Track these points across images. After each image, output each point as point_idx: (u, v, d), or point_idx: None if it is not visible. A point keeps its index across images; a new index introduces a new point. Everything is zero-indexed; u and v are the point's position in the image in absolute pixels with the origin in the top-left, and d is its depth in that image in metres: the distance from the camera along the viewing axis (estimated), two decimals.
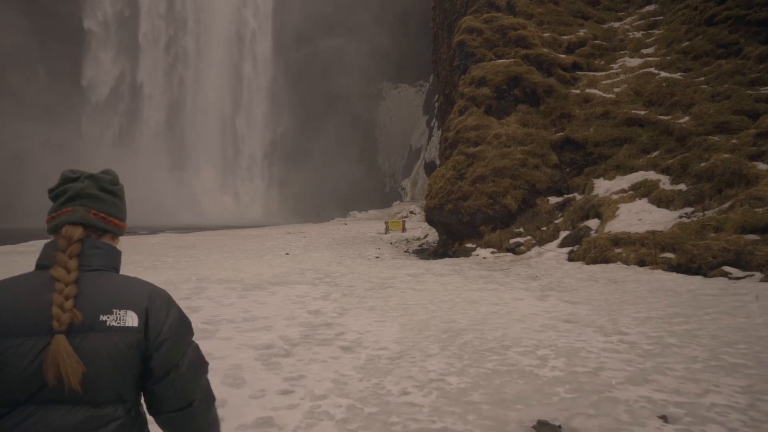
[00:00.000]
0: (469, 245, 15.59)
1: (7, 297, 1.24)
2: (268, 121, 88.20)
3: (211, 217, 71.88)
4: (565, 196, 15.05)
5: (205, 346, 5.74)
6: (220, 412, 3.97)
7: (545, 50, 17.09)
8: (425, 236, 23.44)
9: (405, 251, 18.50)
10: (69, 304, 1.22)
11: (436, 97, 62.74)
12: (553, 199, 15.37)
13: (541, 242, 14.32)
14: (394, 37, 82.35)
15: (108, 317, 1.25)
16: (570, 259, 12.40)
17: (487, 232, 15.42)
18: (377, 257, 16.20)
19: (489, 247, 15.08)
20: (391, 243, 21.54)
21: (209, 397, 1.44)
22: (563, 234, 13.96)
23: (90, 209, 1.36)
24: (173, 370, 1.32)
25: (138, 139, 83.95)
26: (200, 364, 1.42)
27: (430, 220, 17.69)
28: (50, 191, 1.40)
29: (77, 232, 1.32)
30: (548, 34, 17.70)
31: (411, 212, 48.50)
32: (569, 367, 4.78)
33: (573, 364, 4.87)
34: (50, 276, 1.27)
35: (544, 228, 14.75)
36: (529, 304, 7.85)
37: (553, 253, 13.24)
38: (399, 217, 44.99)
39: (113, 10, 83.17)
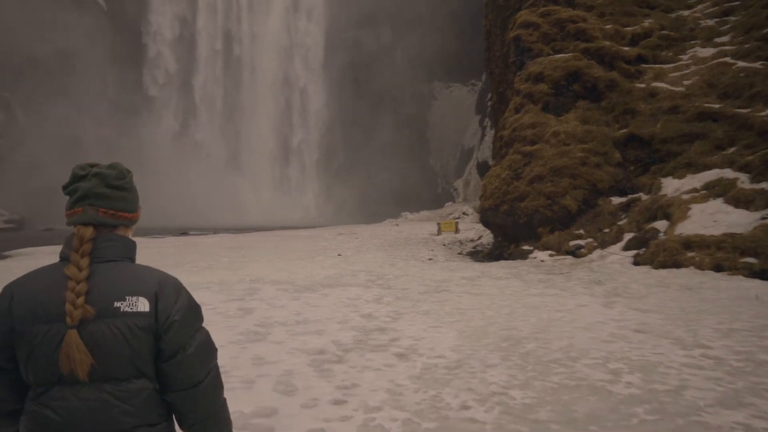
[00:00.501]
0: (525, 247, 15.02)
1: (35, 288, 1.39)
2: (319, 122, 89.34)
3: (264, 218, 73.44)
4: (630, 196, 14.24)
5: (258, 350, 5.64)
6: (271, 421, 3.81)
7: (607, 43, 16.26)
8: (479, 238, 22.90)
9: (459, 253, 18.09)
10: (80, 300, 1.34)
11: (489, 95, 61.57)
12: (616, 200, 14.57)
13: (603, 245, 13.59)
14: (445, 35, 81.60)
15: (122, 303, 1.38)
16: (636, 263, 11.67)
17: (545, 234, 14.81)
18: (430, 259, 15.89)
19: (547, 249, 14.47)
20: (444, 245, 21.16)
21: (216, 383, 1.54)
22: (628, 236, 13.19)
23: (99, 208, 1.45)
24: (180, 351, 1.44)
25: (193, 141, 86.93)
26: (208, 349, 1.52)
27: (484, 222, 17.20)
28: (63, 188, 1.49)
29: (88, 232, 1.43)
30: (610, 25, 16.84)
31: (463, 213, 47.75)
32: (647, 384, 4.34)
33: (651, 380, 4.42)
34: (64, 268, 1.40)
35: (607, 230, 14.00)
36: (594, 311, 7.35)
37: (617, 257, 12.52)
38: (451, 218, 44.36)
39: (172, 11, 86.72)
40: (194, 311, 1.51)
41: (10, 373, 1.39)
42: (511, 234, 15.75)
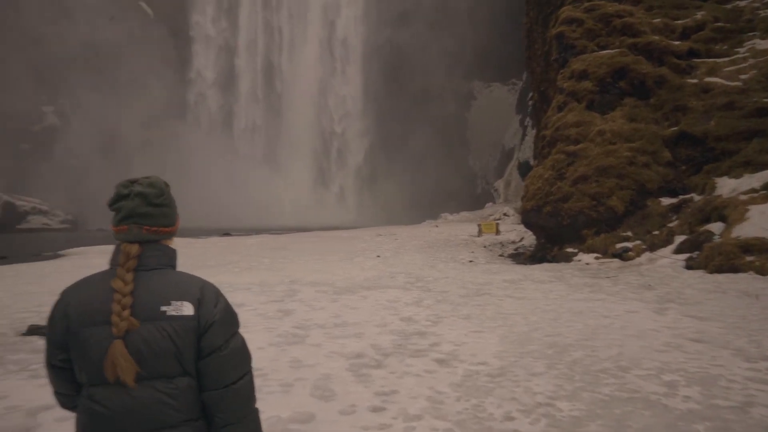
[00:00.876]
0: (569, 250, 14.56)
1: (88, 293, 1.52)
2: (358, 123, 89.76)
3: (303, 219, 74.25)
4: (681, 196, 13.60)
5: (296, 353, 5.60)
6: (308, 427, 3.73)
7: (656, 38, 15.59)
8: (520, 239, 22.41)
9: (500, 255, 17.73)
10: (126, 313, 1.45)
11: (530, 95, 60.42)
12: (666, 200, 13.95)
13: (652, 247, 13.02)
14: (485, 34, 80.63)
15: (167, 308, 1.49)
16: (689, 267, 11.11)
17: (590, 236, 14.32)
18: (471, 261, 15.62)
19: (592, 252, 13.99)
20: (484, 246, 20.80)
21: (248, 389, 1.62)
22: (679, 239, 12.59)
23: (142, 226, 1.56)
24: (216, 351, 1.54)
25: (234, 142, 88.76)
26: (242, 353, 1.62)
27: (526, 223, 16.80)
28: (109, 205, 1.59)
29: (134, 249, 1.54)
30: (659, 19, 16.14)
31: (504, 214, 46.95)
32: (707, 398, 4.05)
33: (711, 395, 4.12)
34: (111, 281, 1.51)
35: (656, 232, 13.41)
36: (645, 318, 6.99)
37: (667, 260, 11.97)
38: (492, 219, 43.69)
39: (215, 10, 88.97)
40: (231, 316, 1.63)
41: (70, 372, 1.54)
42: (554, 236, 15.31)
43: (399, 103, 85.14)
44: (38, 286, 11.00)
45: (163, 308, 1.50)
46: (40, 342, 6.21)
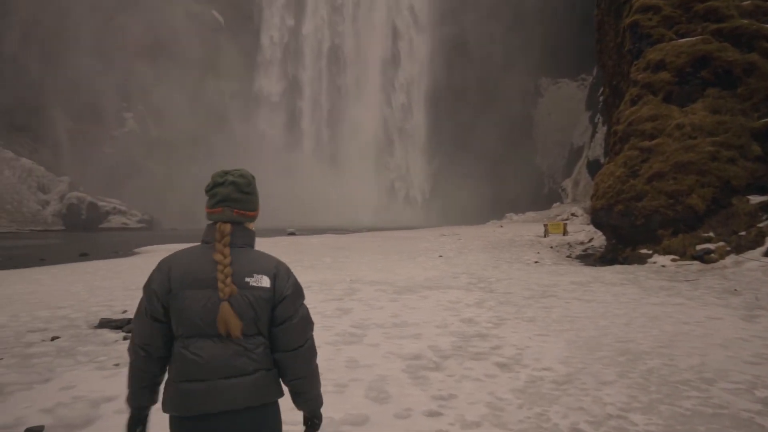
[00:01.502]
0: (643, 251, 13.71)
1: (188, 262, 1.80)
2: (422, 121, 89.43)
3: (367, 218, 74.83)
4: None
5: (352, 352, 5.51)
6: (361, 429, 3.62)
7: (745, 21, 14.37)
8: (589, 240, 21.42)
9: (567, 256, 17.00)
10: (228, 280, 1.74)
11: (601, 90, 57.80)
12: (755, 198, 12.81)
13: (738, 249, 12.01)
14: (553, 28, 78.14)
15: (250, 279, 1.77)
16: None
17: (667, 237, 13.41)
18: (536, 262, 15.06)
19: (668, 253, 13.09)
20: (551, 247, 20.04)
21: (312, 350, 1.91)
22: None
23: (233, 209, 1.85)
24: (288, 320, 1.82)
25: (299, 141, 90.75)
26: (307, 321, 1.90)
27: (596, 223, 15.99)
28: (206, 190, 1.89)
29: (227, 228, 1.83)
30: (749, 1, 14.88)
31: (572, 214, 45.22)
32: None
33: None
34: (212, 254, 1.79)
35: (743, 233, 12.35)
36: (731, 326, 6.39)
37: (757, 263, 10.99)
38: (559, 219, 42.20)
39: (282, 26, 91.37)
40: (300, 290, 1.90)
41: (165, 325, 1.79)
42: (626, 236, 14.47)
43: (463, 101, 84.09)
44: (112, 281, 11.60)
45: (247, 279, 1.77)
46: (109, 335, 6.48)
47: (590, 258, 16.09)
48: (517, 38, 79.71)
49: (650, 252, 13.45)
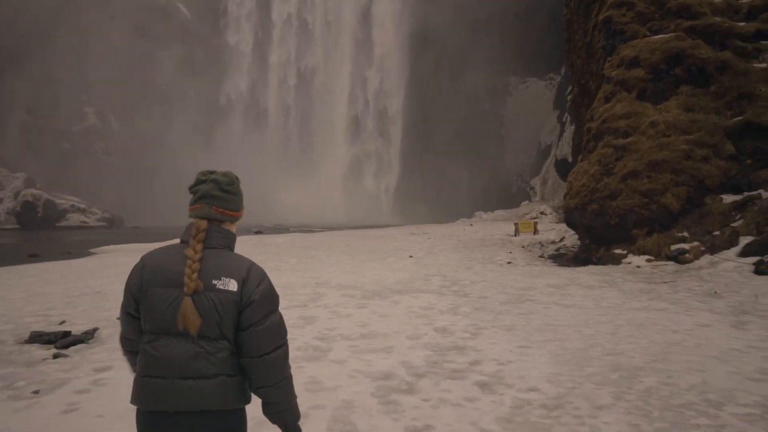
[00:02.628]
0: (618, 251, 13.44)
1: (160, 260, 1.80)
2: (391, 119, 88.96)
3: (335, 216, 73.98)
4: (746, 193, 12.31)
5: (315, 371, 4.86)
6: None
7: (717, 19, 14.26)
8: (561, 239, 21.23)
9: (540, 256, 16.67)
10: (195, 276, 1.72)
11: (569, 89, 58.36)
12: (729, 198, 12.67)
13: (713, 249, 11.81)
14: (521, 29, 78.67)
15: (218, 282, 1.74)
16: (759, 272, 9.92)
17: (641, 237, 13.16)
18: (509, 263, 14.65)
19: (643, 253, 12.83)
20: (522, 246, 19.73)
21: (281, 360, 1.82)
22: (745, 240, 11.36)
23: (212, 206, 1.84)
24: (253, 326, 1.76)
25: (264, 138, 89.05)
26: (278, 329, 1.83)
27: (569, 222, 15.70)
28: (189, 188, 1.89)
29: (203, 224, 1.82)
30: None
31: (541, 213, 45.41)
32: None
33: None
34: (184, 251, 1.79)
35: (717, 232, 12.17)
36: (723, 334, 5.98)
37: (732, 264, 10.78)
38: (528, 218, 42.27)
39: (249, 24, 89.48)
40: (271, 297, 1.82)
41: (138, 321, 1.80)
42: (600, 236, 14.19)
43: (433, 99, 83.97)
44: (56, 286, 10.62)
45: (215, 281, 1.73)
46: (38, 352, 5.67)
47: (563, 258, 15.79)
48: (485, 37, 79.95)
49: (625, 252, 13.18)
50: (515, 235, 25.81)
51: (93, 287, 10.31)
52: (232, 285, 1.73)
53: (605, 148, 14.55)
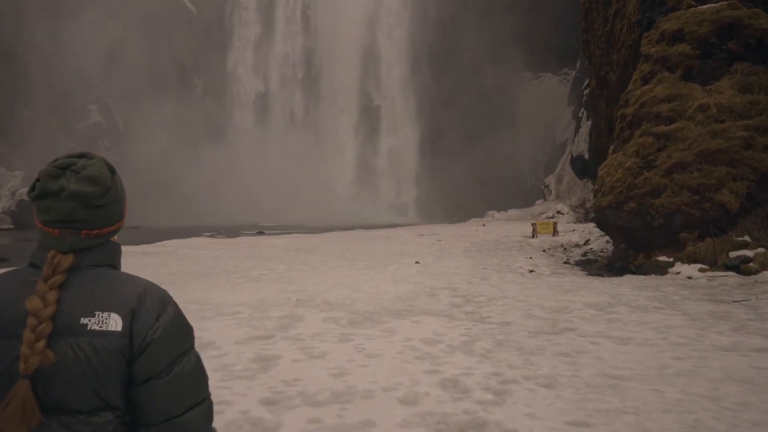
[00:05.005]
0: (662, 258, 11.31)
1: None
2: (400, 116, 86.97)
3: (344, 215, 72.06)
4: None
5: None
6: None
7: None
8: (585, 242, 19.06)
9: (565, 262, 14.55)
10: (41, 345, 1.08)
11: (586, 83, 55.92)
12: None
13: None
14: (535, 22, 76.25)
15: (89, 320, 1.13)
16: None
17: (691, 241, 11.03)
18: (531, 271, 12.55)
19: (695, 261, 10.69)
20: (543, 251, 17.59)
21: (201, 423, 1.22)
22: None
23: (80, 231, 1.19)
24: (155, 377, 1.16)
25: (274, 135, 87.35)
26: (193, 378, 1.21)
27: (601, 223, 13.59)
28: (31, 200, 1.20)
29: (66, 261, 1.16)
30: None
31: (558, 212, 43.11)
32: None
33: None
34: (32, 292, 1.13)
35: None
36: None
37: None
38: (544, 217, 40.06)
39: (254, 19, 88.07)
40: (181, 331, 1.22)
41: None
42: (639, 240, 12.07)
43: (442, 95, 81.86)
44: None
45: (84, 320, 1.13)
46: None
47: (593, 265, 13.64)
48: (497, 32, 77.64)
49: (671, 260, 11.06)
50: (533, 237, 23.67)
51: None
52: (114, 322, 1.12)
53: (644, 136, 12.41)
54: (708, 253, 10.56)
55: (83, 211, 1.18)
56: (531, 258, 15.46)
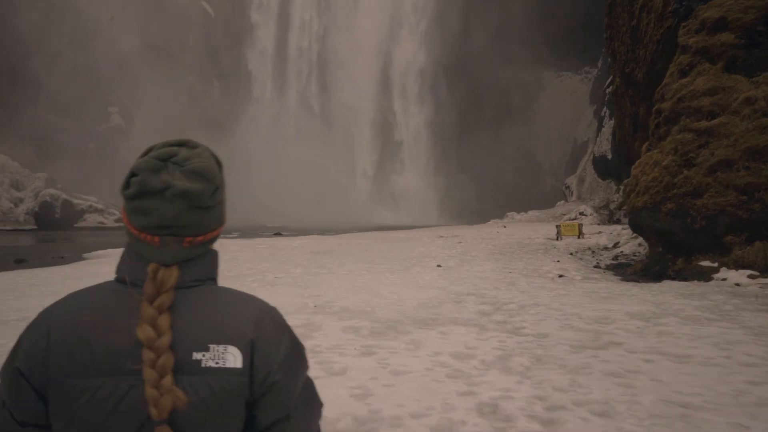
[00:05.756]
0: (705, 263, 10.54)
1: (87, 320, 0.93)
2: (419, 117, 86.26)
3: (362, 217, 71.59)
4: None
5: None
6: None
7: None
8: (614, 245, 18.23)
9: (595, 266, 13.80)
10: (167, 382, 0.88)
11: (609, 80, 54.70)
12: None
13: None
14: (556, 20, 75.02)
15: (203, 355, 0.92)
16: None
17: (738, 245, 10.24)
18: (561, 276, 11.84)
19: (743, 267, 9.91)
20: (571, 254, 16.83)
21: None
22: None
23: (183, 238, 0.97)
24: (282, 420, 0.98)
25: (291, 138, 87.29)
26: (313, 408, 1.07)
27: (635, 226, 12.82)
28: (127, 196, 0.96)
29: (171, 277, 0.95)
30: None
31: (581, 213, 42.02)
32: None
33: None
34: (136, 318, 0.92)
35: None
36: None
37: None
38: (566, 219, 39.10)
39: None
40: (299, 359, 1.03)
41: None
42: (679, 243, 11.30)
43: (462, 95, 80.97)
44: None
45: (197, 356, 0.92)
46: None
47: (626, 270, 12.87)
48: (517, 30, 76.60)
49: (715, 265, 10.28)
50: (557, 239, 22.87)
51: (25, 310, 7.97)
52: (232, 357, 0.92)
53: (683, 132, 11.63)
54: (758, 258, 9.78)
55: (189, 213, 0.97)
56: (559, 261, 14.73)
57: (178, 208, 0.95)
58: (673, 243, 11.46)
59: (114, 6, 76.50)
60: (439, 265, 13.91)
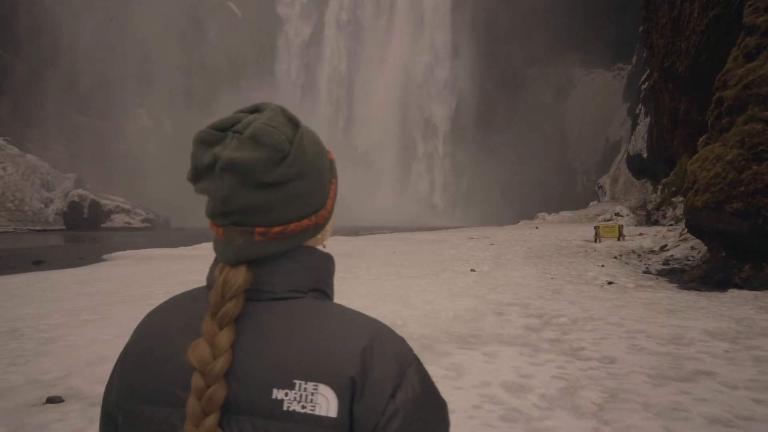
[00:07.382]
0: None
1: (160, 335, 0.73)
2: (445, 117, 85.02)
3: (386, 216, 70.70)
4: None
5: None
6: None
7: None
8: (662, 248, 16.85)
9: (645, 272, 12.56)
10: (210, 424, 0.64)
11: (645, 75, 52.59)
12: None
13: None
14: (586, 16, 72.91)
15: (286, 394, 0.65)
16: None
17: None
18: (610, 283, 10.67)
19: None
20: (614, 257, 15.55)
21: None
22: None
23: (253, 229, 0.70)
24: None
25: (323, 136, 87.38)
26: None
27: (694, 228, 11.55)
28: (191, 179, 0.71)
29: (236, 279, 0.70)
30: None
31: (616, 214, 40.24)
32: None
33: None
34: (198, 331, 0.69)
35: None
36: None
37: None
38: (601, 219, 37.47)
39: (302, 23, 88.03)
40: (430, 413, 0.69)
41: None
42: (746, 247, 10.04)
43: (491, 93, 79.43)
44: None
45: (278, 394, 0.65)
46: None
47: (683, 276, 11.60)
48: (546, 27, 74.73)
49: None
50: (596, 241, 21.55)
51: (22, 319, 7.24)
52: (325, 401, 0.64)
53: (751, 123, 10.34)
54: None
55: (246, 193, 0.68)
56: (603, 266, 13.52)
57: (228, 187, 0.67)
58: (740, 247, 10.19)
59: (157, 24, 77.57)
60: (473, 270, 12.86)
